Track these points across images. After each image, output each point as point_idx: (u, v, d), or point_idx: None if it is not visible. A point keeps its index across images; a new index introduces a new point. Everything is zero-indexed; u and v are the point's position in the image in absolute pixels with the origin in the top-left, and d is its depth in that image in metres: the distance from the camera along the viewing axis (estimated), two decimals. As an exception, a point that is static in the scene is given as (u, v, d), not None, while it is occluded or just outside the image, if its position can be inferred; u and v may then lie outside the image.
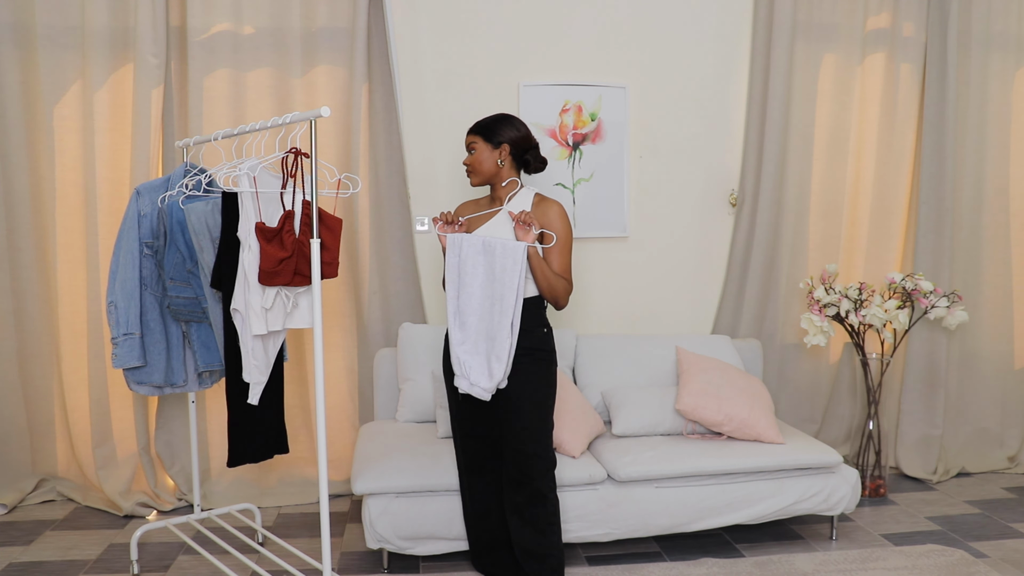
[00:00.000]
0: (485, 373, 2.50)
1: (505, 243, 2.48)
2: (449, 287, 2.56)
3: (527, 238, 2.51)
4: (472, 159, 2.70)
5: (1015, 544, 3.20)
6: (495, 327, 2.49)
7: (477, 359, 2.52)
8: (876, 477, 3.72)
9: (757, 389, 3.33)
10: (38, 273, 3.49)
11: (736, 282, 3.93)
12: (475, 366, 2.51)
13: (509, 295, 2.46)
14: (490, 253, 2.50)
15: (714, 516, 3.01)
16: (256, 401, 2.68)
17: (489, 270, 2.50)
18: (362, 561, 3.01)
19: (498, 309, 2.48)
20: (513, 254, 2.47)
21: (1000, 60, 4.01)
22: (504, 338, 2.47)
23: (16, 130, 3.41)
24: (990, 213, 4.06)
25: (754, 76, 3.84)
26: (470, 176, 2.71)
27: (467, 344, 2.53)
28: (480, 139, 2.68)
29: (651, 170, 3.86)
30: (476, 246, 2.53)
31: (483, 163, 2.67)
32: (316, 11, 3.50)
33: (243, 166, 2.52)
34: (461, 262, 2.54)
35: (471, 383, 2.52)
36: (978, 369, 4.12)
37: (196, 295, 2.80)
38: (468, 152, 2.71)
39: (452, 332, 2.55)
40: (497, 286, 2.48)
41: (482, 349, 2.51)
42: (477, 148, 2.68)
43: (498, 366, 2.49)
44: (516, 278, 2.45)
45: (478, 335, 2.52)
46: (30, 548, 3.13)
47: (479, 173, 2.69)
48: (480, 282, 2.52)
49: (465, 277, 2.53)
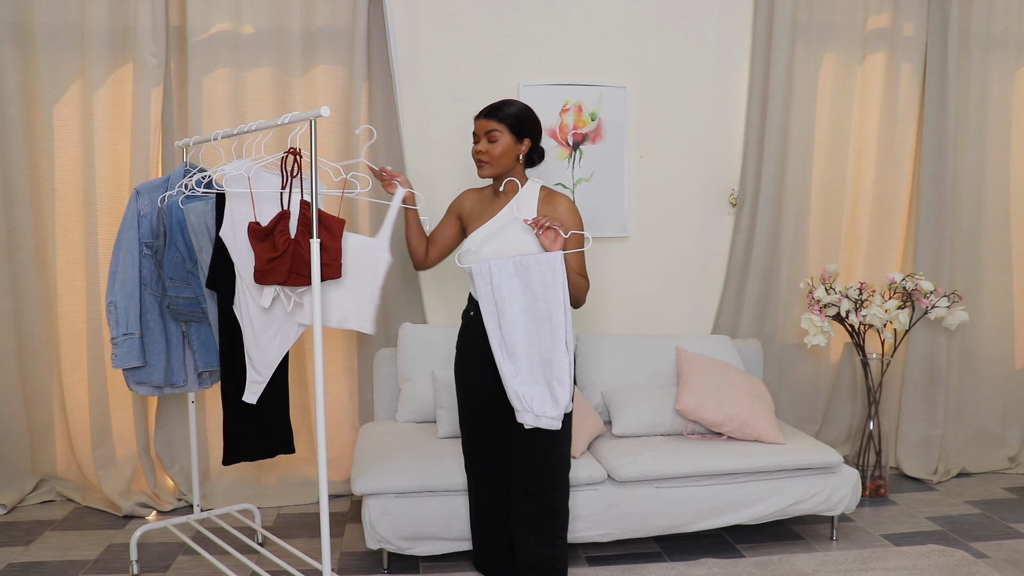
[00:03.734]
0: (549, 401, 2.31)
1: (539, 258, 2.31)
2: (488, 319, 2.36)
3: (556, 245, 2.34)
4: (490, 149, 2.46)
5: (1015, 544, 3.20)
6: (548, 349, 2.31)
7: (536, 388, 2.32)
8: (876, 477, 3.72)
9: (757, 389, 3.33)
10: (38, 273, 3.49)
11: (736, 282, 3.93)
12: (536, 396, 2.32)
13: (557, 312, 2.29)
14: (524, 272, 2.32)
15: (714, 516, 3.01)
16: (253, 400, 2.68)
17: (528, 290, 2.32)
18: (362, 561, 3.01)
19: (547, 329, 2.31)
20: (551, 267, 2.30)
21: (1000, 60, 4.00)
22: (561, 358, 2.30)
23: (16, 130, 3.41)
24: (990, 213, 4.06)
25: (754, 76, 3.83)
26: (482, 167, 2.48)
27: (521, 375, 2.33)
28: (505, 129, 2.46)
29: (651, 170, 3.86)
30: (507, 269, 2.34)
31: (503, 156, 2.46)
32: (316, 11, 3.49)
33: (229, 166, 2.52)
34: (495, 289, 2.35)
35: (536, 415, 2.32)
36: (978, 369, 4.11)
37: (196, 295, 2.80)
38: (484, 139, 2.46)
39: (501, 366, 2.35)
40: (541, 304, 2.31)
41: (539, 377, 2.32)
42: (499, 138, 2.45)
43: (562, 390, 2.31)
44: (561, 292, 2.28)
45: (531, 363, 2.33)
46: (30, 548, 3.13)
47: (496, 165, 2.48)
48: (520, 306, 2.33)
49: (503, 304, 2.34)
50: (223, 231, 2.56)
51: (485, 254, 2.48)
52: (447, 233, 2.71)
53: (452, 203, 2.72)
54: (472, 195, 2.65)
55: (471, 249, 2.50)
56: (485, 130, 2.46)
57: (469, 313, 2.61)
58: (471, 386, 2.61)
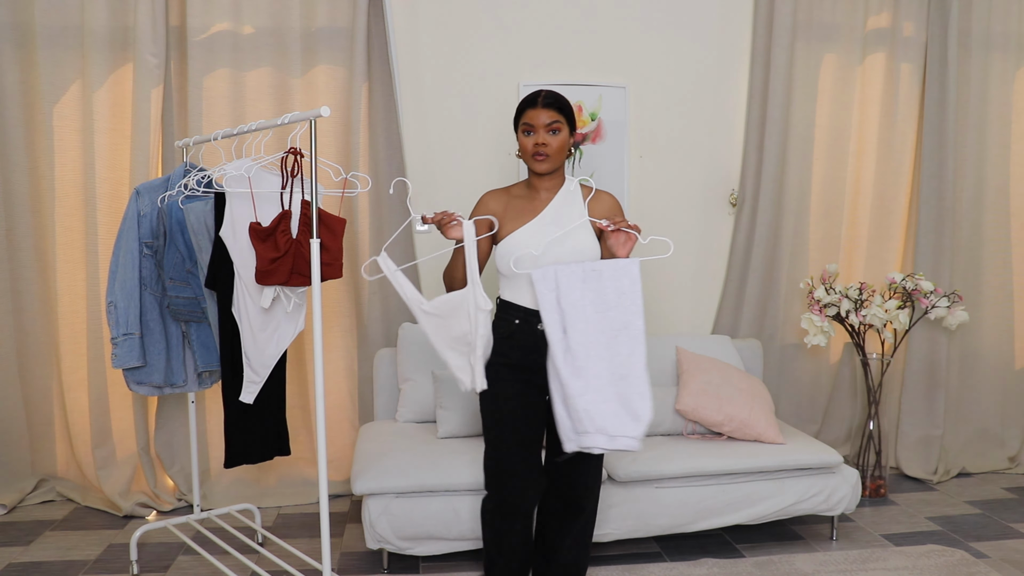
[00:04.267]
0: (627, 419, 2.10)
1: (615, 265, 2.11)
2: (551, 329, 2.14)
3: (626, 249, 2.14)
4: (554, 141, 2.27)
5: (1015, 544, 3.20)
6: (625, 362, 2.11)
7: (608, 406, 2.10)
8: (876, 477, 3.72)
9: (757, 389, 3.33)
10: (38, 273, 3.49)
11: (736, 282, 3.93)
12: (609, 414, 2.10)
13: (636, 320, 2.10)
14: (596, 279, 2.12)
15: (714, 516, 3.01)
16: (250, 400, 2.68)
17: (600, 299, 2.12)
18: (362, 561, 3.01)
19: (624, 340, 2.11)
20: (628, 274, 2.11)
21: (1000, 60, 4.00)
22: (641, 371, 2.10)
23: (16, 130, 3.41)
24: (990, 213, 4.06)
25: (754, 76, 3.83)
26: (542, 161, 2.27)
27: (590, 392, 2.11)
28: (565, 121, 2.29)
29: (651, 170, 3.86)
30: (576, 275, 2.13)
31: (563, 150, 2.30)
32: (316, 11, 3.49)
33: (229, 166, 2.52)
34: (560, 297, 2.13)
35: (611, 436, 2.10)
36: (978, 369, 4.11)
37: (196, 295, 2.80)
38: (543, 131, 2.26)
39: (568, 382, 2.12)
40: (616, 314, 2.11)
41: (610, 394, 2.11)
42: (562, 131, 2.28)
43: (643, 404, 2.10)
44: (639, 299, 2.10)
45: (601, 378, 2.11)
46: (30, 548, 3.13)
47: (556, 160, 2.29)
48: (590, 316, 2.12)
49: (570, 315, 2.12)
50: (223, 231, 2.55)
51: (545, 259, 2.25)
52: (481, 247, 2.36)
53: (474, 211, 2.40)
54: (498, 197, 2.40)
55: (531, 253, 2.23)
56: (548, 121, 2.26)
57: (514, 321, 2.31)
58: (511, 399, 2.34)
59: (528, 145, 2.28)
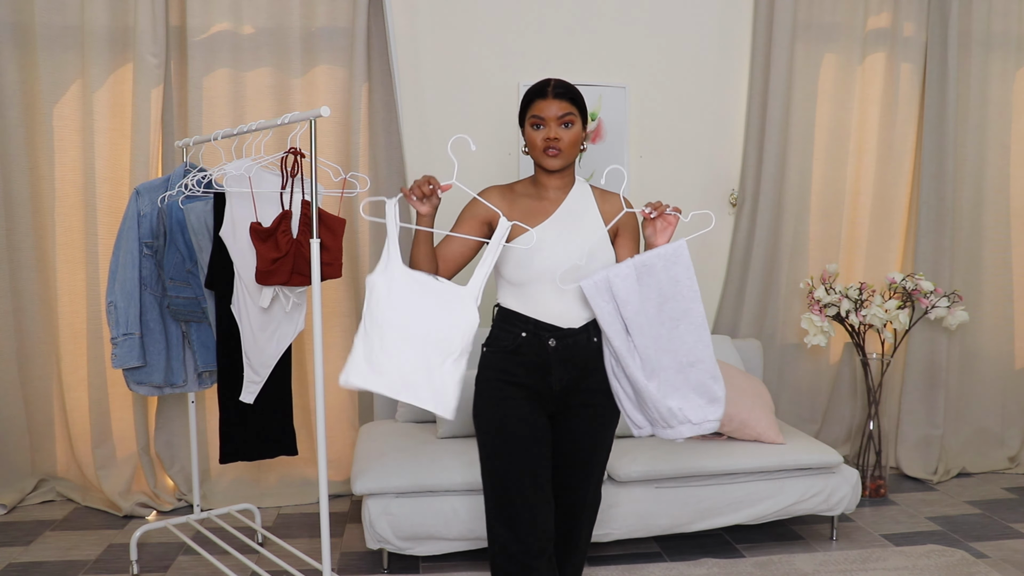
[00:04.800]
0: (703, 404, 2.04)
1: (665, 254, 1.98)
2: (616, 340, 1.99)
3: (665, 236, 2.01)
4: (567, 135, 2.06)
5: (1015, 544, 3.20)
6: (692, 349, 2.02)
7: (685, 396, 2.04)
8: (876, 477, 3.72)
9: (757, 389, 3.33)
10: (37, 273, 3.49)
11: (736, 282, 3.93)
12: (689, 406, 2.03)
13: (695, 306, 2.00)
14: (650, 275, 1.98)
15: (714, 516, 3.01)
16: (251, 399, 2.68)
17: (658, 293, 1.99)
18: (362, 561, 3.01)
19: (687, 328, 2.00)
20: (680, 260, 1.98)
21: (1000, 60, 4.00)
22: (710, 355, 2.03)
23: (16, 130, 3.41)
24: (990, 213, 4.06)
25: (754, 76, 3.83)
26: (554, 157, 2.06)
27: (666, 387, 2.03)
28: (579, 114, 2.08)
29: (651, 170, 3.86)
30: (630, 278, 1.97)
31: (575, 145, 2.09)
32: (316, 11, 3.49)
33: (229, 166, 2.52)
34: (621, 304, 1.98)
35: (695, 424, 2.04)
36: (978, 369, 4.11)
37: (196, 295, 2.80)
38: (556, 125, 2.04)
39: (646, 388, 2.00)
40: (675, 304, 2.00)
41: (682, 383, 2.03)
42: (576, 124, 2.07)
43: (718, 385, 2.04)
44: (695, 283, 1.99)
45: (669, 371, 2.02)
46: (30, 548, 3.13)
47: (568, 156, 2.08)
48: (652, 313, 2.00)
49: (635, 319, 1.98)
50: (223, 231, 2.56)
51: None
52: (469, 244, 2.11)
53: (471, 206, 2.15)
54: (502, 194, 2.15)
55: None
56: (561, 113, 2.04)
57: (520, 334, 2.06)
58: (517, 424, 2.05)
59: (538, 140, 2.06)
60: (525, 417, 2.05)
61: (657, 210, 1.99)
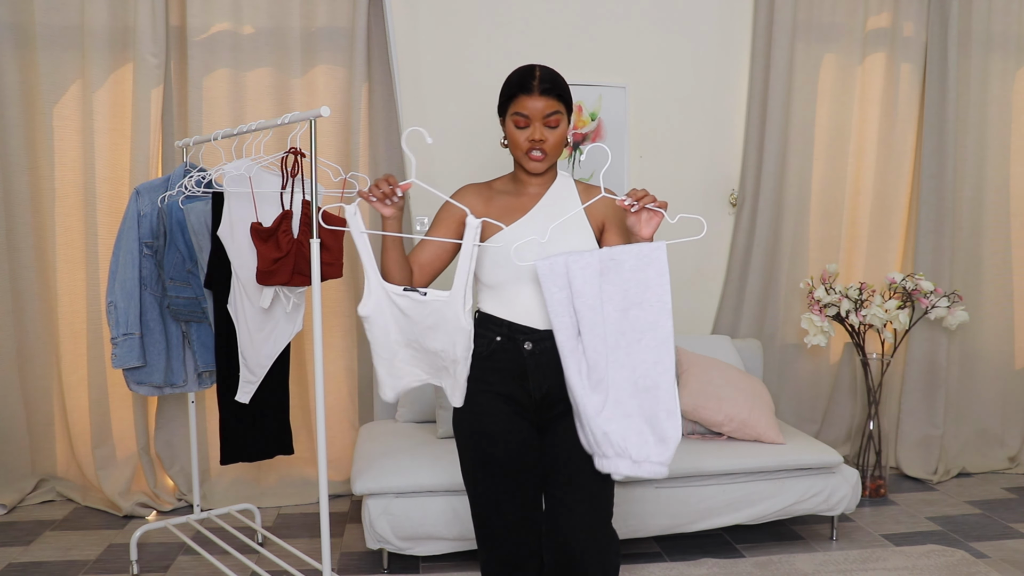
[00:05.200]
0: (651, 440, 1.75)
1: (639, 252, 1.74)
2: (562, 335, 1.77)
3: (650, 228, 1.77)
4: (553, 136, 1.90)
5: (1015, 544, 3.20)
6: (650, 371, 1.75)
7: (631, 424, 1.75)
8: (876, 477, 3.72)
9: (757, 389, 3.33)
10: (37, 273, 3.49)
11: (736, 282, 3.93)
12: (631, 435, 1.75)
13: (664, 320, 1.73)
14: (617, 271, 1.75)
15: (714, 516, 3.01)
16: (246, 399, 2.68)
17: (622, 294, 1.75)
18: (362, 561, 3.01)
19: (650, 344, 1.75)
20: (655, 263, 1.73)
21: (1000, 60, 4.00)
22: (670, 382, 1.75)
23: (16, 130, 3.41)
24: (990, 213, 4.06)
25: (754, 76, 3.83)
26: (539, 160, 1.91)
27: (608, 408, 1.76)
28: (565, 110, 1.91)
29: (651, 170, 3.86)
30: (591, 267, 1.75)
31: (561, 144, 1.92)
32: (316, 11, 3.49)
33: (229, 166, 2.52)
34: (575, 295, 1.75)
35: (635, 461, 1.75)
36: (978, 369, 4.11)
37: (196, 295, 2.80)
38: (540, 125, 1.89)
39: (582, 399, 1.76)
40: (640, 313, 1.74)
41: (633, 409, 1.76)
42: (561, 123, 1.91)
43: (672, 424, 1.74)
44: (667, 294, 1.73)
45: (621, 390, 1.76)
46: (30, 548, 3.13)
47: (554, 158, 1.93)
48: (610, 316, 1.76)
49: (587, 315, 1.75)
50: (220, 231, 2.56)
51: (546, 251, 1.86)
52: (446, 248, 1.99)
53: (446, 207, 2.03)
54: (479, 191, 2.03)
55: (536, 239, 1.85)
56: (548, 112, 1.88)
57: (495, 339, 1.93)
58: (497, 437, 1.92)
59: (521, 140, 1.91)
60: (501, 431, 1.91)
61: (640, 202, 1.75)
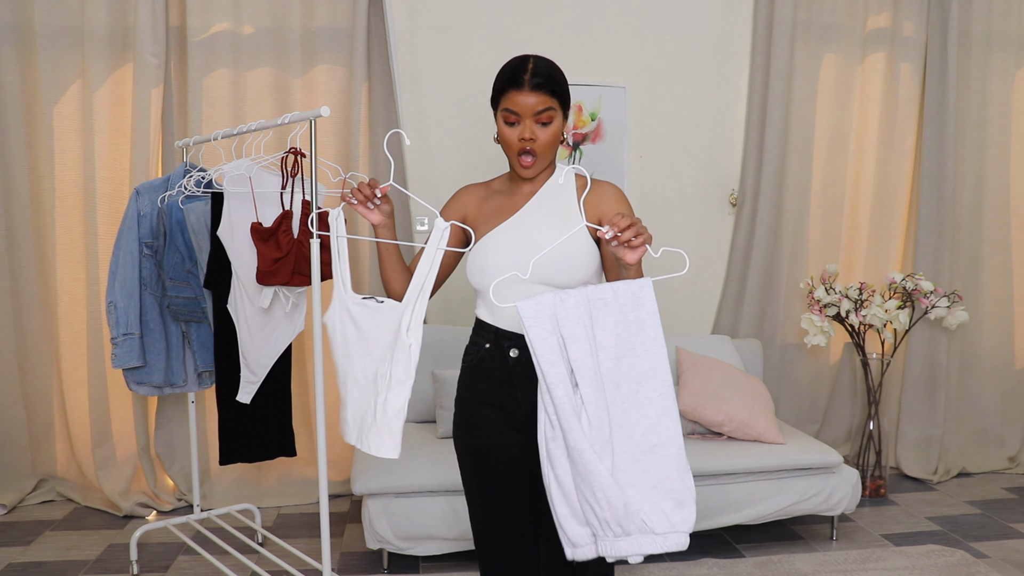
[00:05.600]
0: (667, 507, 1.49)
1: (625, 290, 1.50)
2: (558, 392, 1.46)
3: (635, 255, 1.51)
4: (544, 134, 1.74)
5: (1015, 544, 3.20)
6: (654, 425, 1.49)
7: (647, 497, 1.49)
8: (876, 477, 3.72)
9: (757, 389, 3.33)
10: (37, 273, 3.49)
11: (736, 282, 3.93)
12: (649, 510, 1.49)
13: (661, 365, 1.49)
14: (606, 312, 1.50)
15: (714, 516, 3.01)
16: (247, 399, 2.68)
17: (616, 340, 1.50)
18: (362, 561, 3.01)
19: (651, 395, 1.50)
20: (643, 300, 1.50)
21: (1000, 60, 4.01)
22: (675, 434, 1.49)
23: (16, 130, 3.41)
24: (990, 213, 4.06)
25: (754, 76, 3.83)
26: (531, 163, 1.75)
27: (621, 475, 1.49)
28: (559, 107, 1.76)
29: (651, 170, 3.86)
30: (581, 307, 1.48)
31: (555, 143, 1.77)
32: (316, 11, 3.49)
33: (228, 166, 2.53)
34: (567, 339, 1.47)
35: (658, 535, 1.50)
36: (978, 369, 4.11)
37: (196, 295, 2.80)
38: (531, 123, 1.72)
39: (595, 467, 1.46)
40: (634, 360, 1.50)
41: (639, 477, 1.48)
42: (555, 120, 1.75)
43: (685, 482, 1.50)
44: (660, 335, 1.50)
45: (627, 459, 1.50)
46: (30, 548, 3.13)
47: (546, 157, 1.77)
48: (605, 365, 1.49)
49: (582, 365, 1.47)
50: (220, 231, 2.56)
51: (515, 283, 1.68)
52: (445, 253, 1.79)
53: (447, 209, 1.89)
54: (475, 192, 1.89)
55: (517, 275, 1.66)
56: (539, 109, 1.72)
57: (484, 346, 1.81)
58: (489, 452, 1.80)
59: (512, 139, 1.75)
60: (493, 446, 1.79)
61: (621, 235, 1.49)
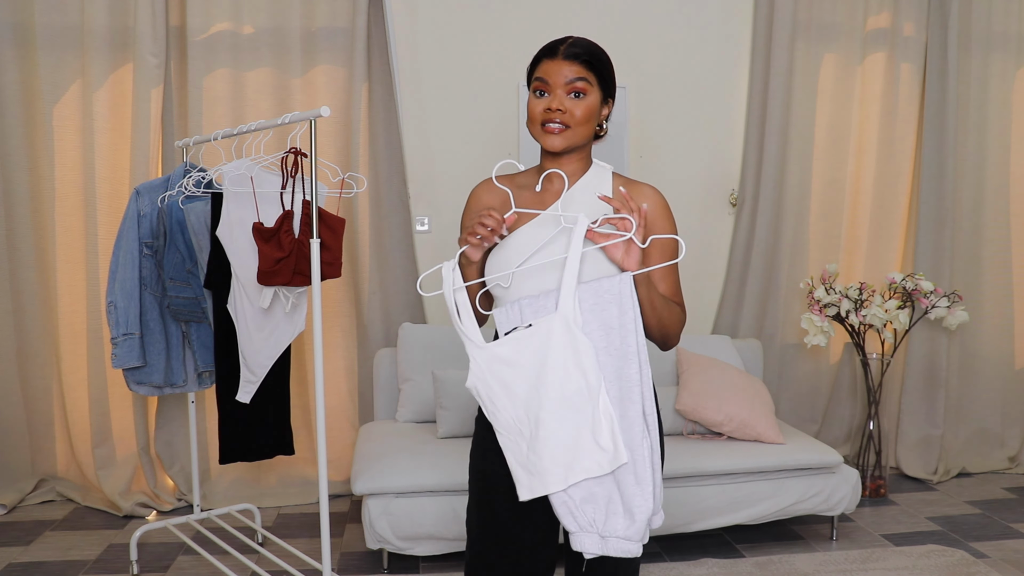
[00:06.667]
0: (618, 512, 1.47)
1: (599, 288, 1.45)
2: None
3: (632, 261, 1.45)
4: (576, 107, 1.55)
5: (1015, 544, 3.20)
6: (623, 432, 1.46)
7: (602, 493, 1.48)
8: (876, 477, 3.72)
9: (757, 389, 3.33)
10: (37, 273, 3.49)
11: (736, 282, 3.93)
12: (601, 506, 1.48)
13: (628, 367, 1.44)
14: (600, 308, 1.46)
15: (714, 516, 3.01)
16: (247, 399, 2.68)
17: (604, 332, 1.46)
18: (362, 561, 3.01)
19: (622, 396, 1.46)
20: (616, 296, 1.45)
21: (1000, 60, 4.01)
22: (640, 441, 1.44)
23: (16, 130, 3.41)
24: (990, 213, 4.06)
25: (754, 76, 3.83)
26: (556, 134, 1.55)
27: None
28: (596, 81, 1.57)
29: (651, 170, 3.85)
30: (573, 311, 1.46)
31: (588, 121, 1.57)
32: (316, 11, 3.49)
33: (228, 166, 2.53)
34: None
35: (603, 536, 1.47)
36: (978, 369, 4.11)
37: (196, 295, 2.80)
38: (561, 92, 1.55)
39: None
40: (605, 359, 1.46)
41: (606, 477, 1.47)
42: (589, 93, 1.56)
43: (642, 494, 1.45)
44: (633, 335, 1.45)
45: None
46: (30, 548, 3.13)
47: (575, 134, 1.57)
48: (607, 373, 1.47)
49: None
50: (219, 231, 2.56)
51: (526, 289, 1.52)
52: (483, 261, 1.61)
53: (467, 213, 1.74)
54: (491, 191, 1.68)
55: (500, 285, 1.55)
56: (571, 77, 1.54)
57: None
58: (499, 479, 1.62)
59: (537, 110, 1.56)
60: (505, 473, 1.57)
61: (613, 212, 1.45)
